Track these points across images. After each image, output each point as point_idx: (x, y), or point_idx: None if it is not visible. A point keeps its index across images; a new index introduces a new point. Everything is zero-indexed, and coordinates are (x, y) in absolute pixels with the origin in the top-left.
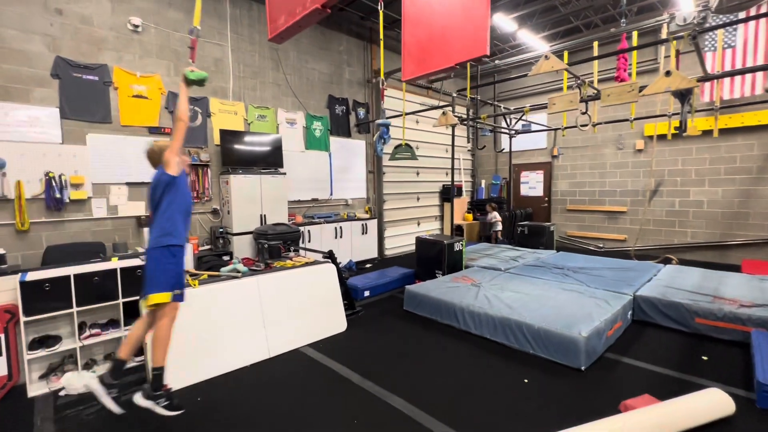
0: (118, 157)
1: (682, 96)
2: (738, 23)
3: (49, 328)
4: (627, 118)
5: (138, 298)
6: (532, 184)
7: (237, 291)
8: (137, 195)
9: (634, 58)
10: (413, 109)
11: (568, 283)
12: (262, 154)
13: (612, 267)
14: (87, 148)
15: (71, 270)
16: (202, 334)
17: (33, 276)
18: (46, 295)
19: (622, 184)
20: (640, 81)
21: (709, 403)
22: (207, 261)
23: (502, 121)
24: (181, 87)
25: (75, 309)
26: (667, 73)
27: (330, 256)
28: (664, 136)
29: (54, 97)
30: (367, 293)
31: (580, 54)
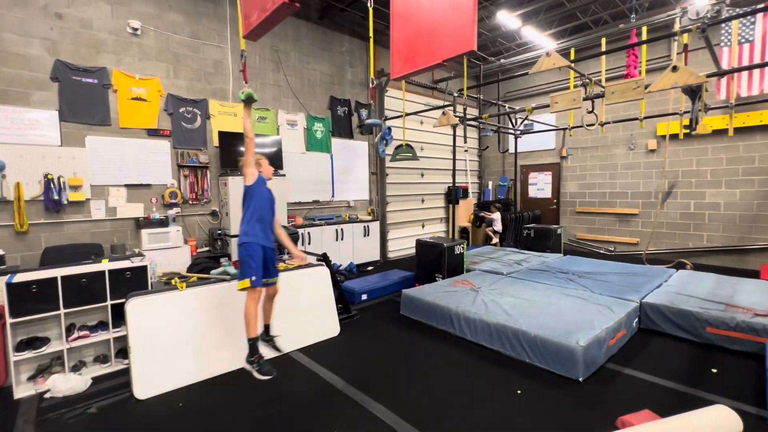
0: (117, 159)
1: (693, 93)
2: (753, 14)
3: (37, 329)
4: (637, 117)
5: None
6: (540, 186)
7: (225, 294)
8: (136, 197)
9: (644, 55)
10: (418, 111)
11: (572, 289)
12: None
13: (620, 272)
14: (86, 150)
15: (58, 272)
16: (188, 338)
17: (20, 278)
18: (33, 297)
19: (634, 186)
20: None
21: (713, 422)
22: (199, 263)
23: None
24: (243, 107)
25: (62, 311)
26: (674, 68)
27: (324, 259)
28: (677, 136)
29: (53, 99)
30: (364, 297)
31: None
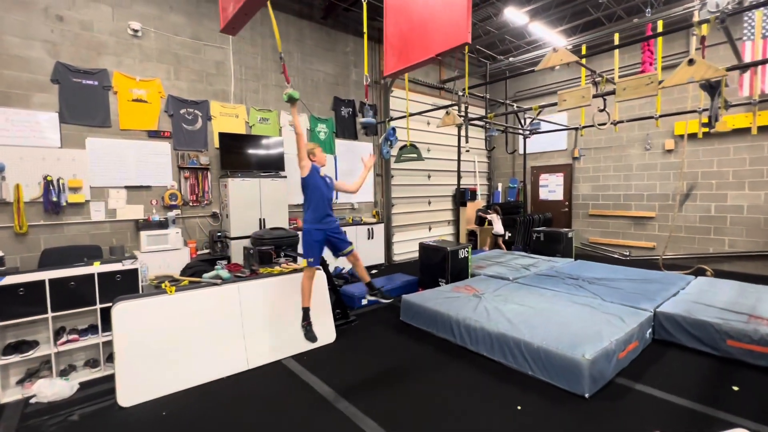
0: (117, 160)
1: (712, 88)
2: None
3: (25, 332)
4: (652, 116)
5: None
6: (551, 188)
7: (216, 298)
8: (136, 198)
9: (659, 50)
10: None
11: (581, 296)
12: (261, 158)
13: (633, 278)
14: (86, 152)
15: (46, 274)
16: (175, 344)
17: (7, 280)
18: (20, 300)
19: (650, 188)
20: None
21: None
22: (192, 266)
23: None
24: (290, 107)
25: (50, 314)
26: (690, 61)
27: (321, 263)
28: (696, 135)
29: (54, 101)
30: (364, 301)
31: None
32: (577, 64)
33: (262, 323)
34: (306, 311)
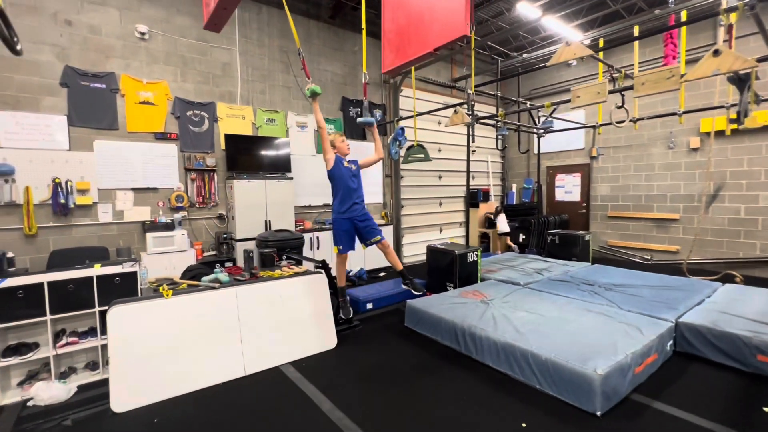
0: (125, 162)
1: (741, 82)
2: None
3: (26, 335)
4: (675, 112)
5: None
6: (568, 188)
7: (213, 303)
8: (143, 200)
9: (683, 41)
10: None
11: (596, 303)
12: (267, 159)
13: (654, 285)
14: (93, 154)
15: (45, 277)
16: (171, 349)
17: (6, 283)
18: (19, 303)
19: (674, 188)
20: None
21: None
22: (192, 269)
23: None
24: (312, 102)
25: (48, 317)
26: (716, 52)
27: (323, 267)
28: (723, 132)
29: (62, 105)
30: (369, 305)
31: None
32: (592, 58)
33: (260, 328)
34: (342, 290)
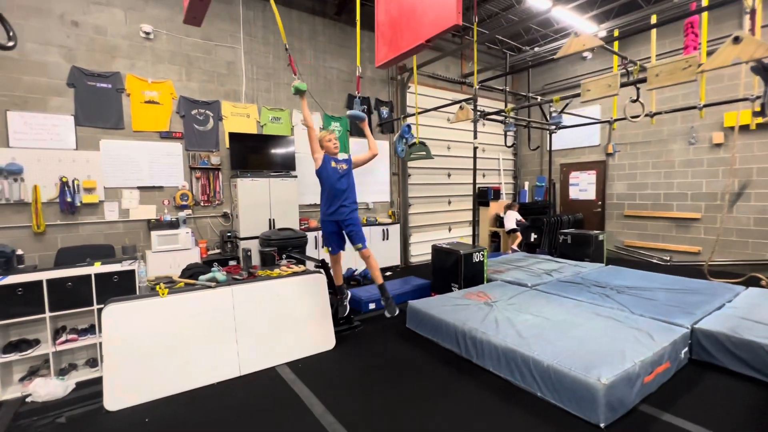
0: (130, 161)
1: (765, 71)
2: None
3: (27, 331)
4: (695, 105)
5: None
6: (582, 186)
7: (208, 302)
8: (148, 199)
9: (704, 29)
10: (439, 106)
11: (607, 307)
12: (271, 157)
13: (670, 287)
14: (100, 153)
15: (44, 275)
16: (165, 348)
17: (6, 280)
18: (18, 300)
19: (695, 186)
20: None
21: None
22: (191, 268)
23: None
24: (300, 99)
25: (48, 314)
26: (736, 39)
27: (322, 266)
28: (749, 127)
29: (69, 105)
30: (372, 306)
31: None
32: (604, 49)
33: (256, 328)
34: (339, 288)
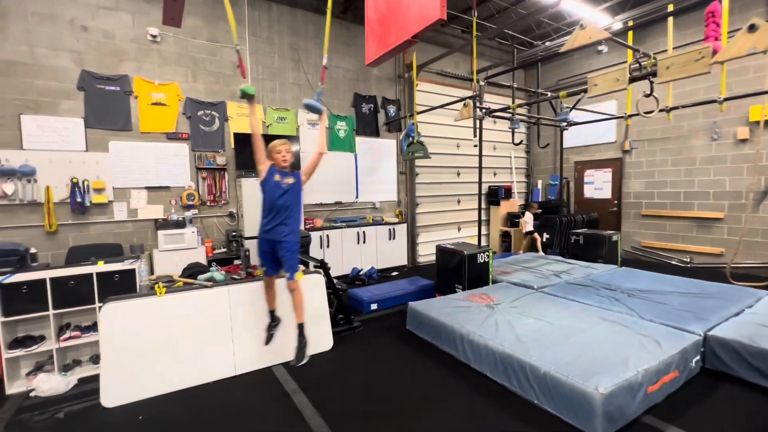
0: (138, 162)
1: None
2: None
3: (33, 328)
4: (715, 99)
5: None
6: (598, 185)
7: (205, 301)
8: (156, 198)
9: (725, 20)
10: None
11: (615, 311)
12: None
13: (686, 291)
14: (109, 154)
15: (47, 274)
16: (162, 347)
17: (12, 279)
18: (23, 297)
19: (718, 184)
20: None
21: None
22: (191, 267)
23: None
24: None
25: (51, 312)
26: (751, 27)
27: (322, 266)
28: None
29: (79, 108)
30: (374, 306)
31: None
32: (613, 41)
33: (252, 328)
34: (271, 313)
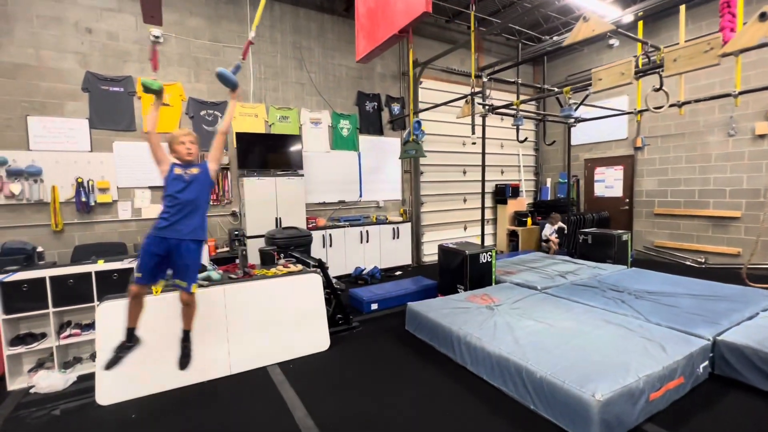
0: (142, 162)
1: None
2: None
3: (34, 325)
4: (729, 93)
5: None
6: (608, 183)
7: (201, 300)
8: (160, 198)
9: (740, 11)
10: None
11: (619, 314)
12: (278, 156)
13: (697, 293)
14: (113, 154)
15: (47, 272)
16: (157, 345)
17: (13, 277)
18: (24, 296)
19: (735, 181)
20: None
21: None
22: None
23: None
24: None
25: (51, 309)
26: (762, 15)
27: (320, 265)
28: None
29: (84, 109)
30: (374, 306)
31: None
32: (619, 33)
33: (247, 328)
34: (130, 332)
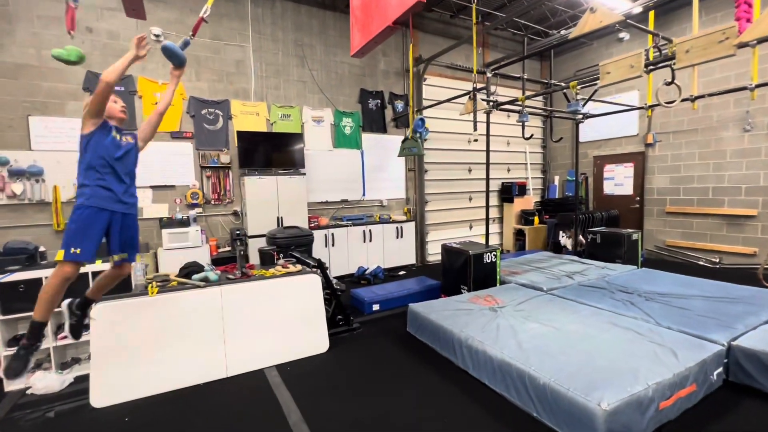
0: (143, 161)
1: None
2: None
3: None
4: (745, 87)
5: None
6: (618, 180)
7: (197, 301)
8: (161, 197)
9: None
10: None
11: (628, 317)
12: (279, 155)
13: (711, 295)
14: None
15: (43, 273)
16: (152, 347)
17: (9, 278)
18: (20, 296)
19: (751, 179)
20: None
21: None
22: (188, 267)
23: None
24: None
25: None
26: None
27: (319, 266)
28: None
29: None
30: (376, 307)
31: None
32: (628, 24)
33: (245, 329)
34: (38, 327)
